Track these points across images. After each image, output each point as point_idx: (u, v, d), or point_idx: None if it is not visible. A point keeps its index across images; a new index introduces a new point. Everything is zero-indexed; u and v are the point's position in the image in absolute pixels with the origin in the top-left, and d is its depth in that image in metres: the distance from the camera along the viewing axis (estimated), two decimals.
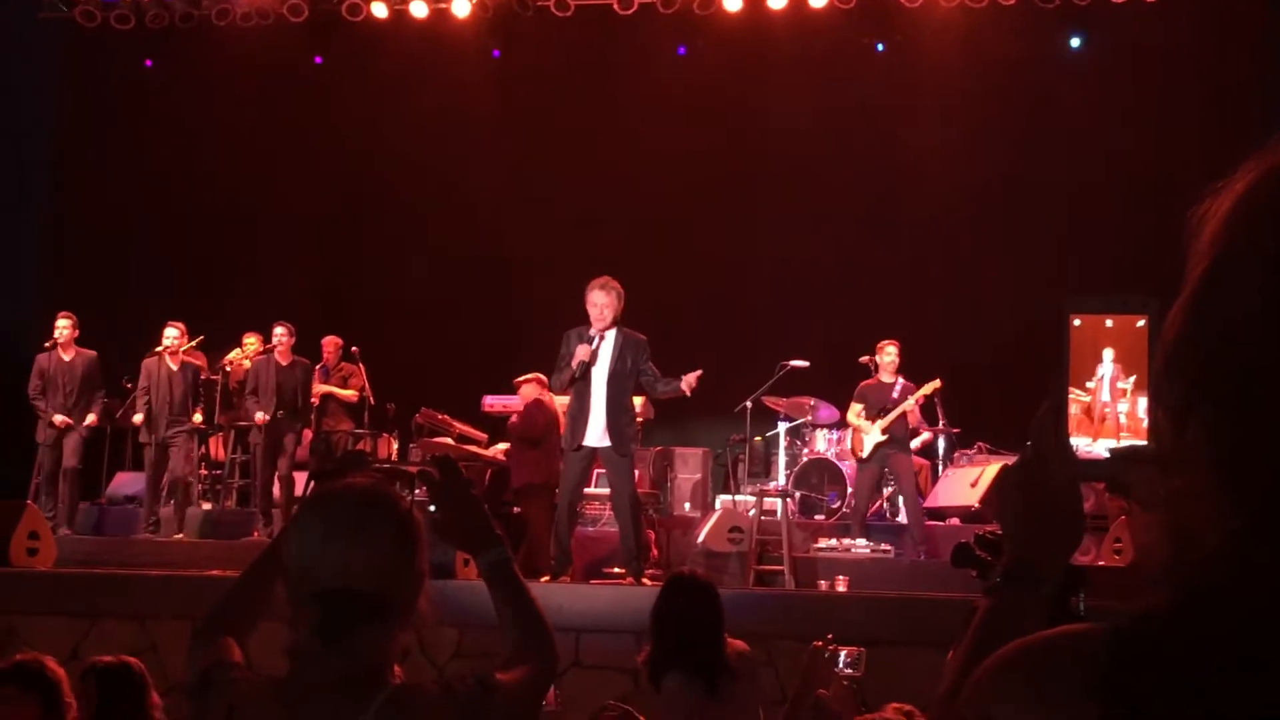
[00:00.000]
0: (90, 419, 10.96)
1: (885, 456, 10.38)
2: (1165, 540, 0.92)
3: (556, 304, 9.72)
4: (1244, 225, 0.92)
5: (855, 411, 10.56)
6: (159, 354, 11.03)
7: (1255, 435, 0.88)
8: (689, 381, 8.57)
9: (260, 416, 11.04)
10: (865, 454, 10.42)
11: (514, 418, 10.33)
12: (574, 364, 8.45)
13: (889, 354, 10.61)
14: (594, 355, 8.49)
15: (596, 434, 8.51)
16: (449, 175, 15.00)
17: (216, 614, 2.29)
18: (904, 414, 10.42)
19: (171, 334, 11.05)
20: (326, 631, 1.93)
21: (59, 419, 10.79)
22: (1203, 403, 0.91)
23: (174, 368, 11.01)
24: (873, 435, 10.34)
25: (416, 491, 6.98)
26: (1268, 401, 0.88)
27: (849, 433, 11.00)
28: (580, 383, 8.54)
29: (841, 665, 4.46)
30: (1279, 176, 0.92)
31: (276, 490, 11.15)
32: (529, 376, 10.45)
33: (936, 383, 10.99)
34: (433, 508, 2.23)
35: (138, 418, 11.02)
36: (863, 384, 10.68)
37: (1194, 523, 0.90)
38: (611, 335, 8.61)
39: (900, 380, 10.57)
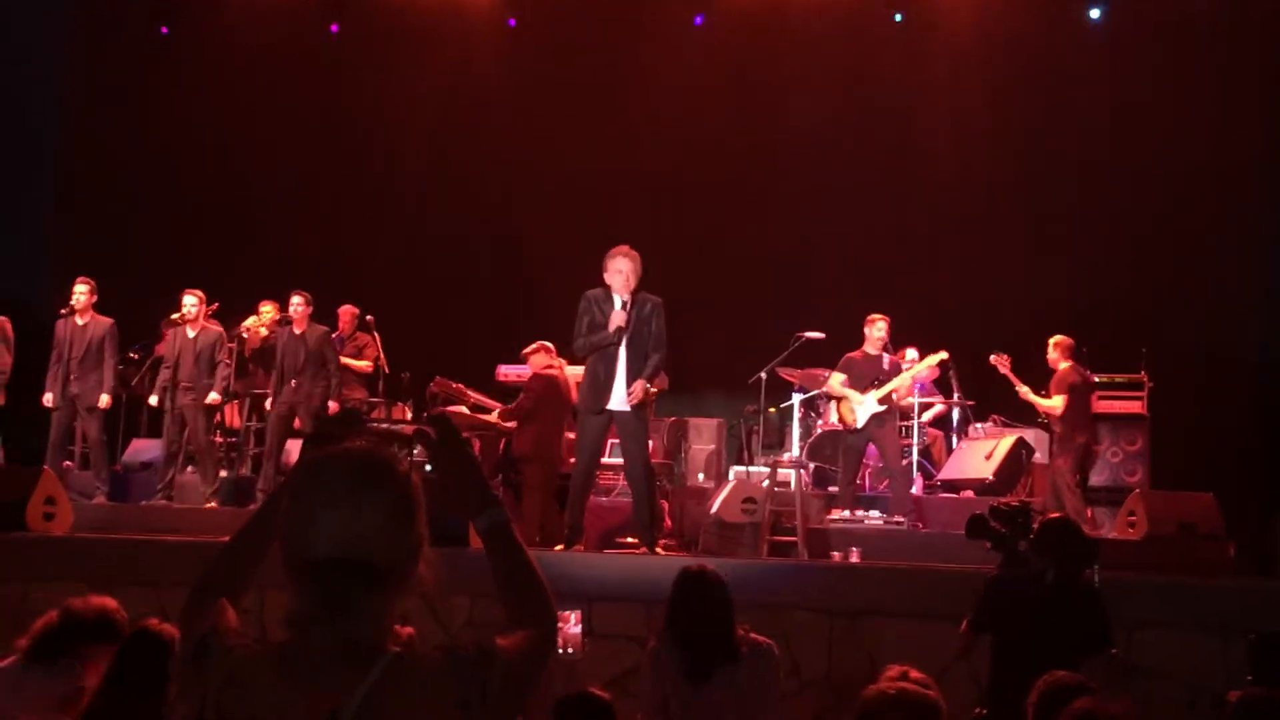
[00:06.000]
0: (104, 401, 10.88)
1: (877, 427, 10.30)
2: None
3: (570, 273, 9.69)
4: None
5: (839, 381, 10.44)
6: (177, 322, 11.02)
7: None
8: (634, 392, 8.46)
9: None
10: (860, 425, 10.32)
11: (521, 396, 10.33)
12: (611, 330, 8.41)
13: (879, 328, 10.52)
14: (628, 322, 8.46)
15: (620, 398, 8.51)
16: (464, 143, 14.98)
17: (209, 577, 2.26)
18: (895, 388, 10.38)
19: (190, 302, 10.99)
20: (325, 601, 1.92)
21: (104, 400, 10.82)
22: None
23: (191, 335, 10.99)
24: (867, 406, 10.26)
25: (415, 452, 6.96)
26: None
27: (832, 404, 10.90)
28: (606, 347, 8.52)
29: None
30: None
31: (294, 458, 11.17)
32: (535, 346, 10.44)
33: (943, 354, 10.94)
34: (429, 468, 2.20)
35: (154, 396, 11.05)
36: (847, 355, 10.58)
37: None
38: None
39: (886, 355, 10.52)
